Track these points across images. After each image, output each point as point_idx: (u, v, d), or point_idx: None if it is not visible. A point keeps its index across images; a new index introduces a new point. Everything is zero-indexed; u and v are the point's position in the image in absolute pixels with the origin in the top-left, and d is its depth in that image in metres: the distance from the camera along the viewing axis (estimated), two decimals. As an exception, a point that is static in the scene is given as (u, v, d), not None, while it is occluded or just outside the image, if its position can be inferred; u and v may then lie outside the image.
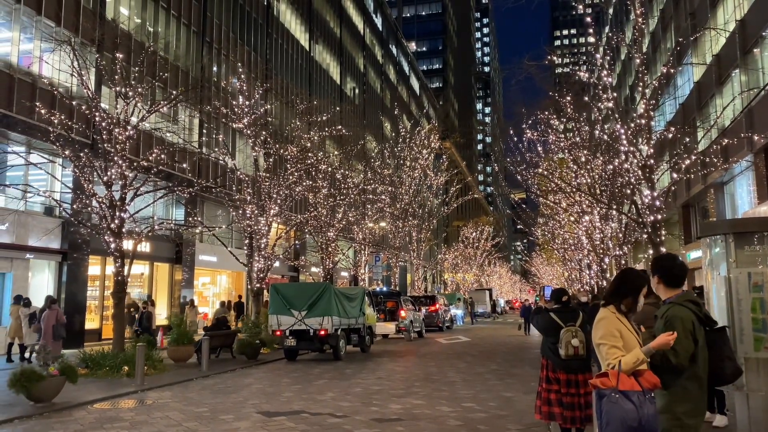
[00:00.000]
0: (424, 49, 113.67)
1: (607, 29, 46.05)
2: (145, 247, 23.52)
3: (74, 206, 15.85)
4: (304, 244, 32.00)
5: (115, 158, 14.83)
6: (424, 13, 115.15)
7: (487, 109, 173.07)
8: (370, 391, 11.35)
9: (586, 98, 19.03)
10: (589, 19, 15.06)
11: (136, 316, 19.70)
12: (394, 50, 71.47)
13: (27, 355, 15.62)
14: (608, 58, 15.94)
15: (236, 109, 21.85)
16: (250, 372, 14.72)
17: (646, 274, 3.97)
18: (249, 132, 21.87)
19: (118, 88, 15.32)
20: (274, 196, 21.61)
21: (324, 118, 26.18)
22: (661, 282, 3.86)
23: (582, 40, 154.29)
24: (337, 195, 26.68)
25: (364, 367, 15.55)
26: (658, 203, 13.84)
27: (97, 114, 15.01)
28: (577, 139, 19.65)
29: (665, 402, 3.59)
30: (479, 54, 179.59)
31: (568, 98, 18.91)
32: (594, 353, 7.00)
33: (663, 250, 13.75)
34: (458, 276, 62.81)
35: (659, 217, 13.90)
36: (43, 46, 19.35)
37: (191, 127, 27.30)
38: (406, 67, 77.55)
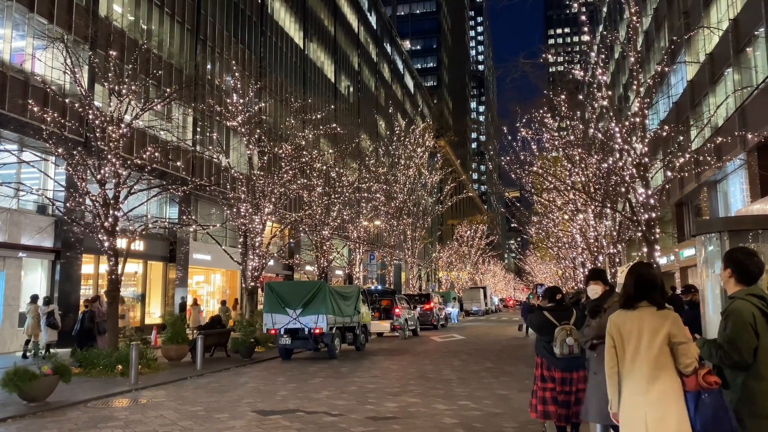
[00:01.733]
0: (419, 47, 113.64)
1: (600, 27, 46.17)
2: (138, 245, 23.40)
3: (67, 204, 15.76)
4: (299, 242, 31.97)
5: (109, 156, 14.75)
6: (418, 12, 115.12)
7: (482, 108, 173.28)
8: (366, 389, 11.34)
9: (581, 96, 19.07)
10: (583, 18, 15.07)
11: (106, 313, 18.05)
12: (388, 48, 71.42)
13: (42, 352, 16.20)
14: (602, 56, 15.95)
15: (230, 107, 21.78)
16: (244, 371, 14.68)
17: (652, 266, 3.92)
18: (243, 130, 21.81)
19: (111, 86, 15.24)
20: (269, 194, 21.55)
21: (318, 116, 26.13)
22: (732, 276, 3.62)
23: (576, 39, 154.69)
24: (331, 193, 26.64)
25: (359, 365, 15.54)
26: (652, 201, 13.88)
27: (90, 112, 14.92)
28: (571, 137, 19.70)
29: (729, 402, 3.48)
30: (473, 53, 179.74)
31: (563, 96, 18.94)
32: (592, 351, 6.99)
33: (657, 248, 13.79)
34: (453, 274, 62.89)
35: (653, 215, 13.95)
36: (36, 44, 19.23)
37: (185, 125, 27.21)
38: (400, 66, 77.51)
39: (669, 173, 14.70)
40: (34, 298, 17.26)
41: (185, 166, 25.16)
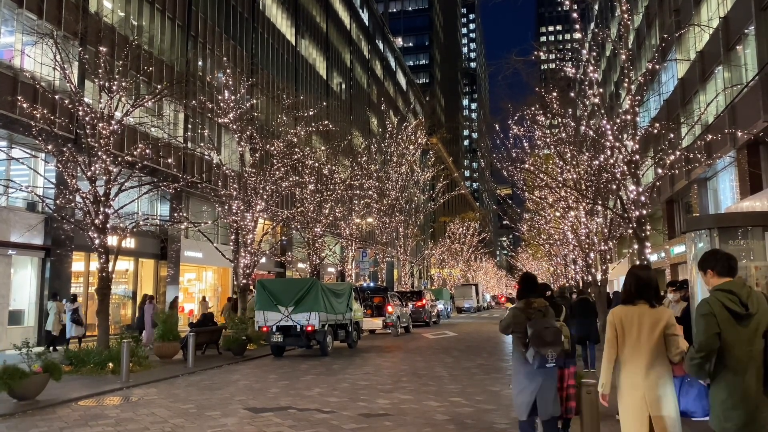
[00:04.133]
0: (411, 44, 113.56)
1: (592, 25, 46.31)
2: (129, 243, 23.31)
3: (57, 202, 15.65)
4: (291, 239, 31.90)
5: (99, 153, 14.66)
6: (410, 9, 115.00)
7: (474, 105, 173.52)
8: (358, 386, 11.35)
9: (572, 94, 19.11)
10: (575, 15, 15.09)
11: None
12: (380, 45, 71.31)
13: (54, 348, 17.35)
14: (594, 53, 16.00)
15: (222, 104, 21.68)
16: (236, 368, 14.66)
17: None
18: (234, 127, 21.72)
19: (101, 82, 15.14)
20: (261, 191, 21.50)
21: (310, 113, 26.07)
22: (714, 274, 3.77)
23: (567, 36, 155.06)
24: (323, 190, 26.60)
25: (351, 362, 15.54)
26: (643, 199, 13.94)
27: (80, 108, 14.82)
28: (563, 134, 19.74)
29: (711, 396, 3.66)
30: (465, 50, 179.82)
31: (554, 94, 18.96)
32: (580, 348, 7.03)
33: (648, 245, 13.86)
34: (445, 271, 63.00)
35: (644, 212, 14.00)
36: (25, 39, 19.06)
37: (176, 122, 27.07)
38: (392, 63, 77.44)
39: (660, 170, 14.77)
40: (55, 296, 18.45)
41: (176, 163, 25.01)
